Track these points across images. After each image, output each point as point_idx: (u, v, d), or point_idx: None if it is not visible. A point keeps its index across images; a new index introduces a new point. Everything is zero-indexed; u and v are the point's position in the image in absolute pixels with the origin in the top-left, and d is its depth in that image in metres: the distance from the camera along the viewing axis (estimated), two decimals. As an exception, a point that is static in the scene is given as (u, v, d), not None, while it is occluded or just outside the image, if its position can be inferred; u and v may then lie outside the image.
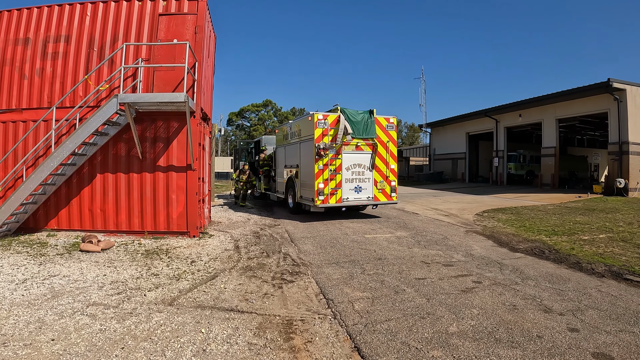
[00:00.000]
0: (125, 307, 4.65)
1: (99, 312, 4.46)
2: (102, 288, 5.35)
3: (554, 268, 6.32)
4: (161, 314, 4.42)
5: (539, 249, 7.65)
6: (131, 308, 4.61)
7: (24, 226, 9.11)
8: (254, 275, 5.93)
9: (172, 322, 4.21)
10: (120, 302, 4.80)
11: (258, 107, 64.14)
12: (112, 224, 9.09)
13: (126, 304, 4.76)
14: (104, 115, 8.03)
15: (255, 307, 4.61)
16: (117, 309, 4.57)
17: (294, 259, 7.02)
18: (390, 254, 7.27)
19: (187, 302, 4.83)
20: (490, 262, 6.70)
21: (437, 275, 5.84)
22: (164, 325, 4.12)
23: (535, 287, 5.30)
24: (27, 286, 5.37)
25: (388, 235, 9.27)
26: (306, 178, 11.79)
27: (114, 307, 4.63)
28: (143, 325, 4.11)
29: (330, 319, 4.25)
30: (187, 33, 9.09)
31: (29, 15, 9.48)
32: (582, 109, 22.01)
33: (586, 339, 3.75)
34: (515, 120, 26.69)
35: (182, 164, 8.96)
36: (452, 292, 5.09)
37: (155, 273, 6.08)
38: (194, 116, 8.92)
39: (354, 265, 6.45)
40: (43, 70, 9.28)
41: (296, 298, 4.94)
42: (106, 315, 4.37)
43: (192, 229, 8.97)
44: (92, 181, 9.10)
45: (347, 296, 4.94)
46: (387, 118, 12.03)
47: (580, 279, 5.73)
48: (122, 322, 4.18)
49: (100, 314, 4.41)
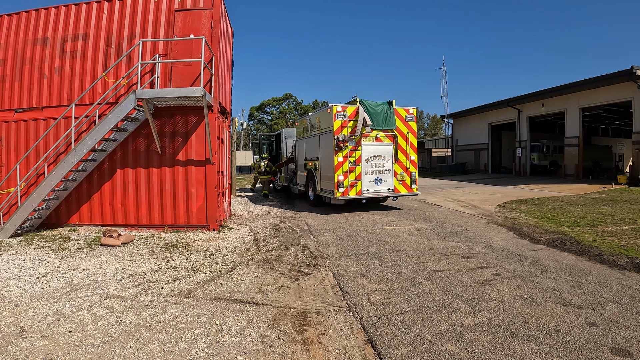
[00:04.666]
0: (142, 299, 4.73)
1: (116, 305, 4.55)
2: (120, 281, 5.45)
3: (575, 260, 6.12)
4: (177, 306, 4.47)
5: (560, 241, 7.40)
6: (148, 300, 4.69)
7: (47, 222, 9.40)
8: (271, 268, 5.94)
9: (188, 314, 4.25)
10: (138, 295, 4.88)
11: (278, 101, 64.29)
12: (132, 219, 9.28)
13: (143, 296, 4.84)
14: (123, 111, 8.17)
15: (270, 300, 4.62)
16: (134, 302, 4.65)
17: (312, 251, 7.01)
18: (409, 246, 7.17)
19: (204, 294, 4.87)
20: (510, 254, 6.52)
21: (455, 267, 5.72)
22: (179, 317, 4.17)
23: (555, 280, 5.13)
24: (47, 280, 5.52)
25: (408, 227, 9.15)
26: (326, 170, 11.75)
27: (131, 300, 4.71)
28: (159, 317, 4.17)
29: (345, 311, 4.22)
30: (204, 28, 9.12)
31: (46, 15, 9.70)
32: (606, 97, 21.32)
33: (605, 333, 3.60)
34: (538, 110, 25.98)
35: (201, 158, 9.05)
36: (469, 284, 4.98)
37: (173, 266, 6.17)
38: (211, 110, 8.98)
39: (371, 257, 6.39)
40: (62, 69, 9.50)
41: (312, 290, 4.93)
42: (123, 308, 4.45)
43: (211, 222, 9.07)
44: (113, 176, 9.29)
45: (363, 288, 4.89)
46: (406, 109, 11.83)
47: (601, 271, 5.53)
48: (138, 314, 4.25)
49: (118, 306, 4.49)
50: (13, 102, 9.70)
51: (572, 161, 23.61)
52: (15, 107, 9.70)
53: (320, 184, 12.28)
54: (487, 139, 31.63)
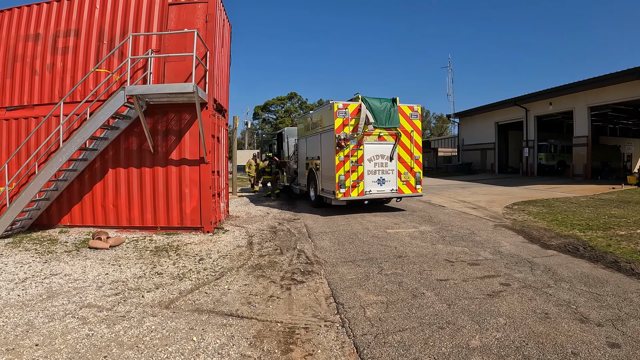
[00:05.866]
0: (120, 309, 4.39)
1: (91, 315, 4.22)
2: (100, 288, 5.12)
3: (590, 268, 5.64)
4: (154, 318, 4.11)
5: (573, 246, 6.93)
6: (125, 311, 4.34)
7: (38, 222, 9.10)
8: (262, 275, 5.55)
9: (164, 327, 3.88)
10: (116, 304, 4.54)
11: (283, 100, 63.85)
12: (124, 220, 8.94)
13: (121, 306, 4.49)
14: (112, 108, 7.83)
15: (257, 312, 4.22)
16: (110, 312, 4.31)
17: (309, 256, 6.61)
18: (412, 251, 6.74)
19: (186, 305, 4.50)
20: (520, 260, 6.07)
21: (461, 276, 5.28)
22: (154, 331, 3.81)
23: (570, 291, 4.67)
24: (26, 286, 5.20)
25: (411, 230, 8.73)
26: (327, 170, 11.33)
27: (107, 310, 4.38)
28: (133, 331, 3.81)
29: (338, 327, 3.80)
30: (198, 22, 8.76)
31: (38, 10, 9.39)
32: (615, 96, 20.78)
33: (629, 357, 3.16)
34: (546, 109, 25.41)
35: (195, 157, 8.69)
36: (476, 296, 4.53)
37: (159, 272, 5.81)
38: (206, 107, 8.62)
39: (371, 264, 5.97)
40: (54, 66, 9.19)
41: (304, 301, 4.52)
42: (97, 319, 4.12)
43: (206, 224, 8.71)
44: (104, 176, 8.96)
45: (360, 300, 4.47)
46: (411, 106, 11.37)
47: (619, 281, 5.06)
48: (111, 327, 3.91)
49: (92, 317, 4.16)
50: (4, 100, 9.42)
51: (580, 161, 23.06)
52: (7, 105, 9.41)
53: (322, 184, 11.87)
54: (493, 139, 31.07)
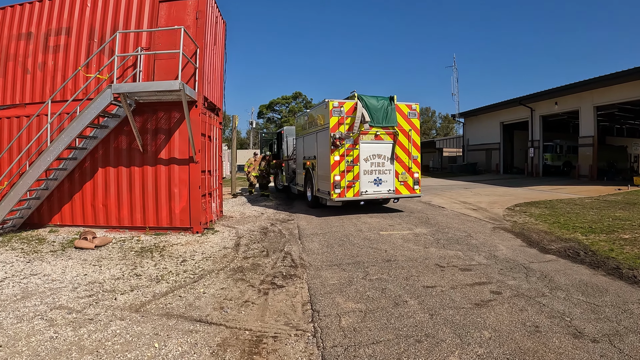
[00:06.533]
0: (89, 312, 4.25)
1: (59, 317, 4.10)
2: (75, 289, 5.00)
3: (590, 275, 5.33)
4: (122, 322, 3.96)
5: (573, 250, 6.63)
6: (94, 313, 4.20)
7: (29, 222, 9.01)
8: (242, 279, 5.34)
9: (129, 332, 3.72)
10: (87, 306, 4.41)
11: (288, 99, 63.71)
12: (114, 220, 8.81)
13: (92, 308, 4.36)
14: (99, 106, 7.68)
15: (227, 318, 4.02)
16: (80, 314, 4.18)
17: (294, 259, 6.39)
18: (402, 255, 6.49)
19: (156, 308, 4.32)
20: (515, 266, 5.79)
21: (449, 283, 5.02)
22: (118, 335, 3.65)
23: (566, 301, 4.37)
24: (3, 286, 5.12)
25: (406, 232, 8.47)
26: (323, 170, 11.10)
27: (77, 312, 4.25)
28: (96, 335, 3.67)
29: (309, 337, 3.58)
30: (188, 19, 8.60)
31: (31, 9, 9.30)
32: (621, 95, 20.30)
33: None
34: (551, 109, 24.93)
35: (185, 156, 8.52)
36: (463, 305, 4.26)
37: (138, 273, 5.64)
38: (195, 105, 8.44)
39: (357, 268, 5.73)
40: (45, 64, 9.09)
41: (279, 308, 4.31)
42: (65, 321, 3.99)
43: (195, 224, 8.53)
44: (94, 175, 8.83)
45: (337, 308, 4.24)
46: (409, 105, 11.10)
47: (619, 290, 4.74)
48: (76, 330, 3.78)
49: (60, 319, 4.04)
50: (-3, 98, 9.34)
51: (586, 162, 22.57)
52: (-1, 104, 9.34)
53: (318, 184, 11.64)
54: (499, 139, 30.59)
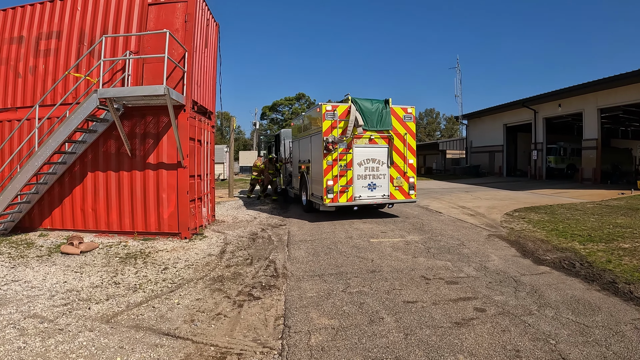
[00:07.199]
0: (61, 321, 4.20)
1: (31, 326, 4.05)
2: (52, 297, 4.95)
3: (583, 290, 5.10)
4: (90, 334, 3.90)
5: (569, 261, 6.42)
6: (65, 323, 4.15)
7: (20, 225, 9.00)
8: (219, 289, 5.22)
9: (95, 344, 3.66)
10: (60, 315, 4.36)
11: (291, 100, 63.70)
12: (103, 224, 8.75)
13: (64, 318, 4.30)
14: (85, 111, 7.61)
15: (195, 332, 3.90)
16: (52, 324, 4.13)
17: (277, 268, 6.26)
18: (389, 265, 6.31)
19: (127, 319, 4.23)
20: (505, 279, 5.57)
21: (432, 298, 4.82)
22: (84, 347, 3.60)
23: (553, 321, 4.12)
24: (-18, 293, 5.05)
25: (397, 239, 8.30)
26: (316, 174, 10.96)
27: (49, 321, 4.20)
28: (63, 346, 3.63)
29: (274, 356, 3.44)
30: (177, 22, 8.51)
31: (22, 13, 9.29)
32: (626, 97, 20.03)
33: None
34: (555, 111, 24.66)
35: (173, 161, 8.44)
36: (442, 324, 4.06)
37: (117, 281, 5.55)
38: (184, 110, 8.35)
39: (338, 279, 5.58)
40: (36, 68, 9.07)
41: (250, 322, 4.17)
42: (36, 331, 3.96)
43: (183, 230, 8.44)
44: (84, 180, 8.80)
45: (310, 323, 4.09)
46: (404, 108, 10.90)
47: (613, 307, 4.49)
48: (45, 341, 3.74)
49: (32, 329, 4.00)
50: (-11, 103, 9.34)
51: (589, 164, 22.27)
52: (-9, 107, 9.33)
53: (311, 188, 11.51)
54: (502, 141, 30.33)
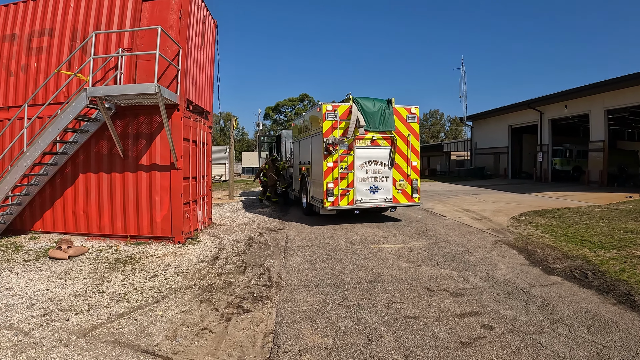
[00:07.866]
0: (36, 334, 3.92)
1: (5, 339, 3.81)
2: (32, 306, 4.67)
3: (597, 304, 4.72)
4: (64, 349, 3.61)
5: (580, 270, 6.05)
6: (40, 337, 3.87)
7: (12, 227, 8.76)
8: (207, 300, 4.90)
9: (67, 363, 3.34)
10: (36, 327, 4.08)
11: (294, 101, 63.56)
12: (95, 227, 8.47)
13: (40, 330, 4.02)
14: (74, 110, 7.33)
15: (176, 350, 3.58)
16: (26, 337, 3.86)
17: (272, 276, 5.93)
18: (390, 275, 5.95)
19: (106, 333, 3.94)
20: (514, 290, 5.19)
21: (436, 313, 4.45)
22: (55, 366, 3.27)
23: (568, 340, 3.75)
24: (-41, 302, 4.78)
25: (399, 245, 7.95)
26: (316, 176, 10.61)
27: (24, 334, 3.92)
28: None
29: (260, 381, 3.13)
30: (172, 19, 8.23)
31: (15, 10, 9.05)
32: (633, 98, 19.56)
33: None
34: (561, 112, 24.19)
35: (166, 162, 8.14)
36: (446, 344, 3.70)
37: (102, 290, 5.25)
38: (177, 109, 8.06)
39: (335, 290, 5.23)
40: (28, 67, 8.82)
41: (237, 338, 3.84)
42: (9, 344, 3.70)
43: (176, 234, 8.14)
44: (75, 181, 8.53)
45: (301, 342, 3.75)
46: (407, 108, 10.50)
47: (631, 324, 4.11)
48: (16, 356, 3.48)
49: (5, 342, 3.75)
50: (-19, 102, 9.10)
51: (596, 167, 21.80)
52: (-17, 107, 9.08)
53: (312, 191, 11.17)
54: (507, 142, 29.83)
